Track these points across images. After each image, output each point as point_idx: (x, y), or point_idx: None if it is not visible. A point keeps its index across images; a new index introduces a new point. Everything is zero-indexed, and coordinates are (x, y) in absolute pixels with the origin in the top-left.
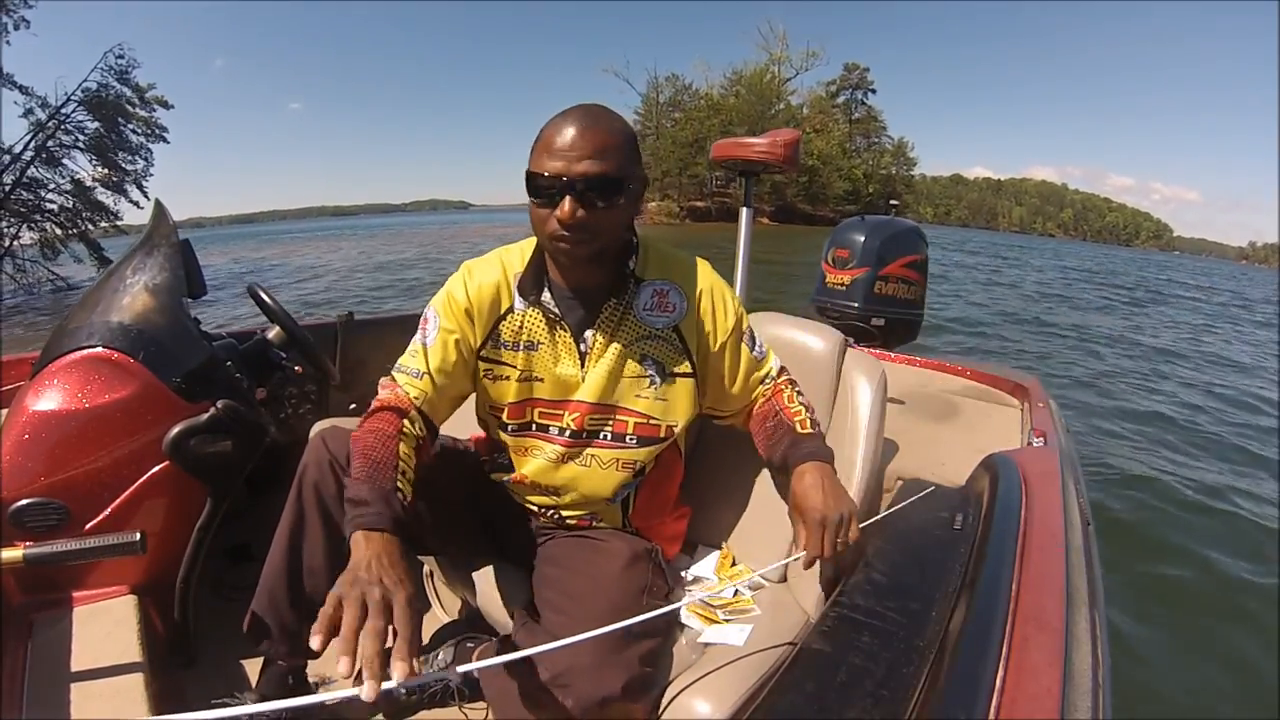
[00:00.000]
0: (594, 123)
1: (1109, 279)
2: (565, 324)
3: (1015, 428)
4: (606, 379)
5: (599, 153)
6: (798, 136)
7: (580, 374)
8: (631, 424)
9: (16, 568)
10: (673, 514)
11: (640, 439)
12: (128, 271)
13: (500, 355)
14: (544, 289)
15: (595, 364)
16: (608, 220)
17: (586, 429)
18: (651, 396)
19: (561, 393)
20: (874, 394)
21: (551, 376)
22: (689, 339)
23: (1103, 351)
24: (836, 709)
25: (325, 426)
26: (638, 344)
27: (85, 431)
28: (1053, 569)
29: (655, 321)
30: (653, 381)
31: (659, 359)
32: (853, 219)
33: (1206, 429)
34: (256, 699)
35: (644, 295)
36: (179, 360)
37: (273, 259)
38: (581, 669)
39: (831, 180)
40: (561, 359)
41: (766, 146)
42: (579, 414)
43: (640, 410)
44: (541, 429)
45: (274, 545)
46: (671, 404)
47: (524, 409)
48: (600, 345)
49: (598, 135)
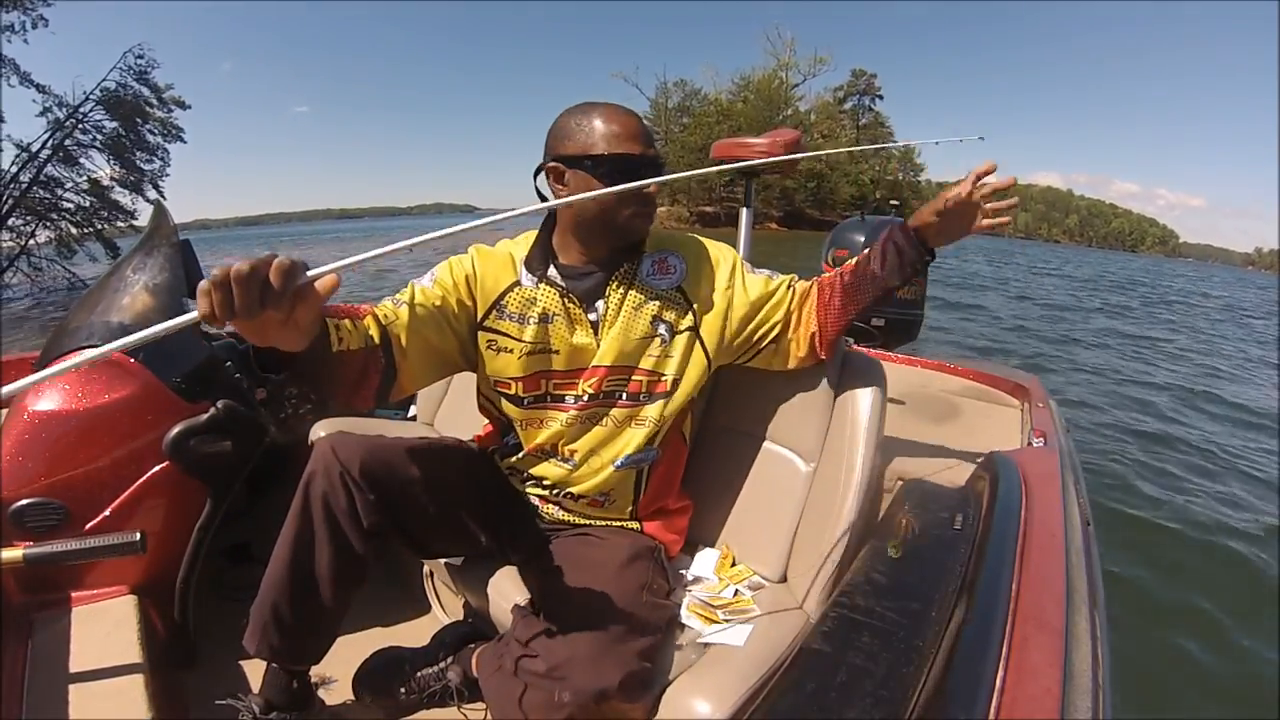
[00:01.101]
0: (631, 114)
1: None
2: (574, 296)
3: (1015, 428)
4: (621, 342)
5: (652, 139)
6: (798, 137)
7: (595, 341)
8: (645, 382)
9: (16, 568)
10: (674, 513)
11: (653, 394)
12: (128, 271)
13: (503, 326)
14: (549, 266)
15: (608, 330)
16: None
17: (604, 390)
18: (661, 354)
19: (577, 362)
20: (874, 394)
21: (567, 347)
22: (691, 295)
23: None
24: (836, 709)
25: (326, 427)
26: (646, 307)
27: (85, 431)
28: (1053, 569)
29: (659, 284)
30: (663, 340)
31: (666, 319)
32: (852, 219)
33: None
34: (261, 703)
35: (645, 264)
36: (179, 360)
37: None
38: (579, 661)
39: (839, 186)
40: (576, 330)
41: (767, 147)
42: (597, 378)
43: (651, 368)
44: (557, 399)
45: (277, 553)
46: (680, 359)
47: (538, 381)
48: (612, 313)
49: (641, 124)
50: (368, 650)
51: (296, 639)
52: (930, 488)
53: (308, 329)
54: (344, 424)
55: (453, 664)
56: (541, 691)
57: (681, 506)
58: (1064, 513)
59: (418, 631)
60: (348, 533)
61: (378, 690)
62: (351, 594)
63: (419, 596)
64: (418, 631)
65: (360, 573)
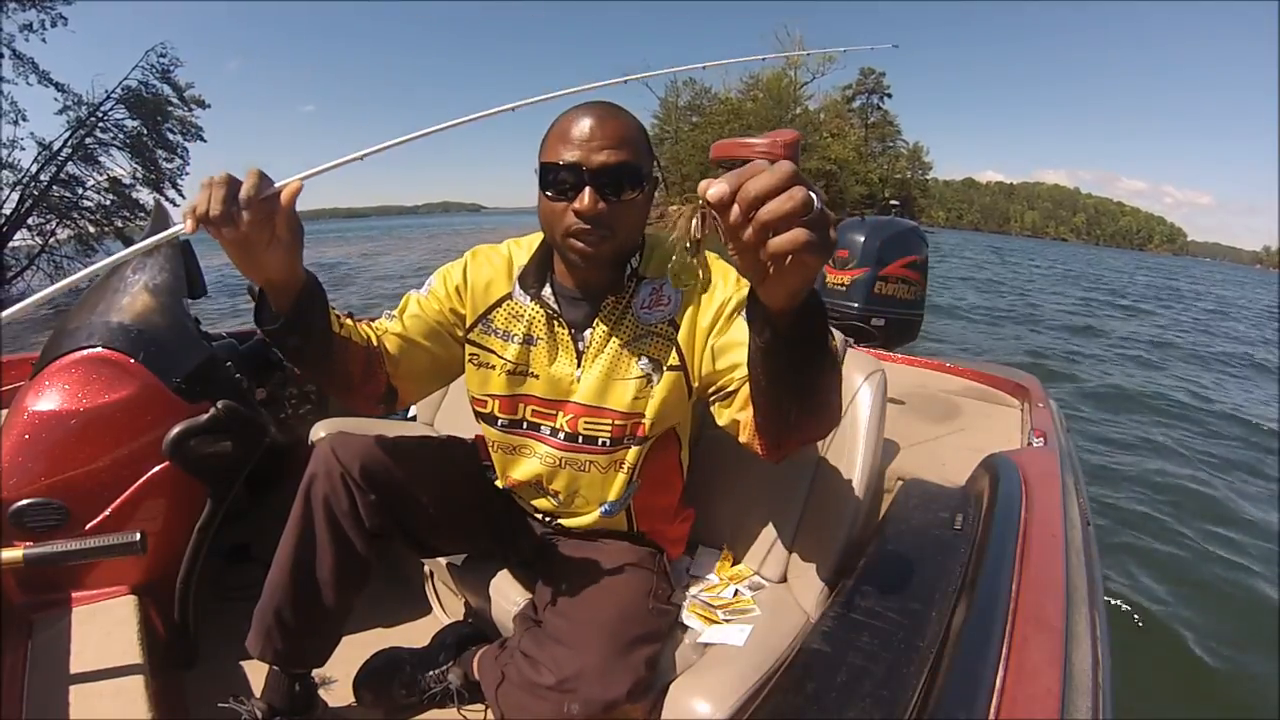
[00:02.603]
0: (611, 114)
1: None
2: (564, 321)
3: (1015, 428)
4: (602, 380)
5: (618, 143)
6: (797, 136)
7: (576, 374)
8: (629, 425)
9: (16, 568)
10: (676, 518)
11: (636, 439)
12: (128, 272)
13: (488, 342)
14: (545, 284)
15: (591, 364)
16: (625, 215)
17: (581, 433)
18: (647, 396)
19: (556, 392)
20: (874, 394)
21: (546, 374)
22: (682, 326)
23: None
24: (836, 709)
25: (326, 427)
26: (635, 343)
27: (85, 432)
28: (1053, 569)
29: (650, 318)
30: (649, 381)
31: (655, 356)
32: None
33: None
34: (264, 708)
35: (642, 293)
36: (179, 361)
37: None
38: (589, 674)
39: (849, 185)
40: (559, 357)
41: (766, 146)
42: (573, 416)
43: (637, 410)
44: (533, 427)
45: (279, 556)
46: (666, 401)
47: (515, 404)
48: (598, 344)
49: (616, 126)
50: (369, 651)
51: (300, 642)
52: (930, 488)
53: (291, 246)
54: (344, 424)
55: (453, 666)
56: (549, 703)
57: (684, 514)
58: (1064, 513)
59: (419, 632)
60: (350, 534)
61: (378, 691)
62: (355, 596)
63: (420, 597)
64: (419, 632)
65: (363, 574)
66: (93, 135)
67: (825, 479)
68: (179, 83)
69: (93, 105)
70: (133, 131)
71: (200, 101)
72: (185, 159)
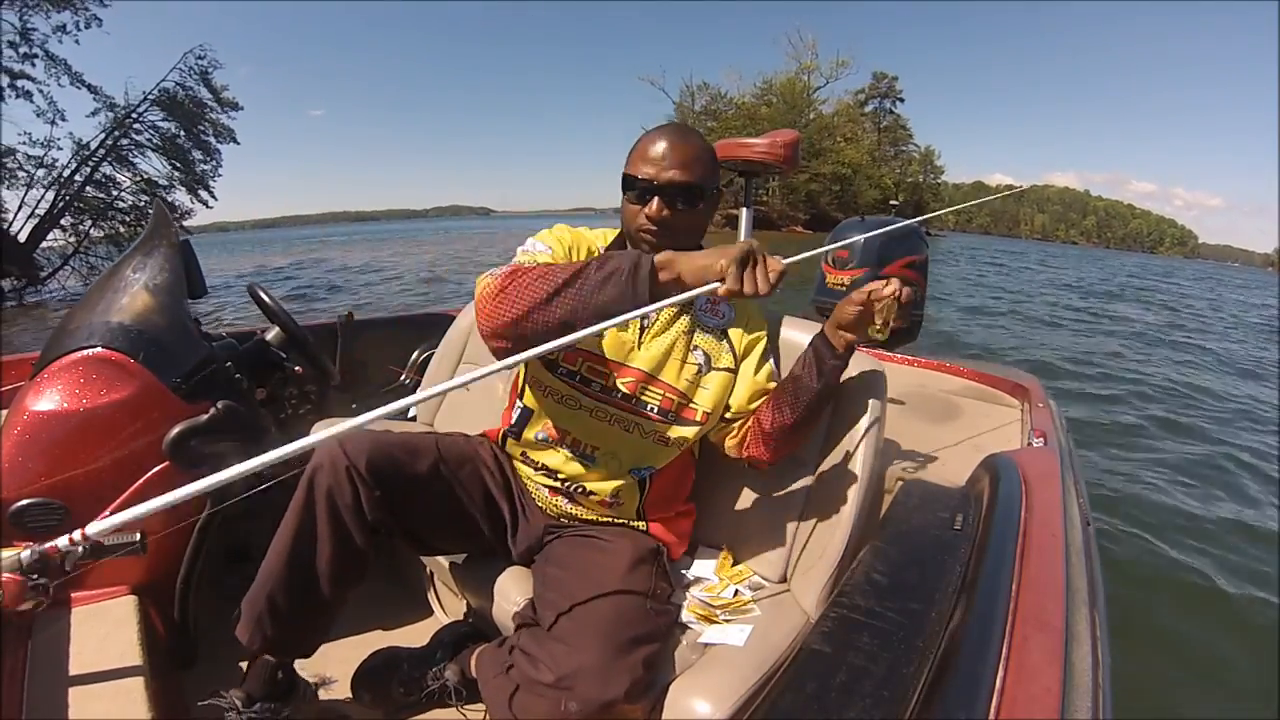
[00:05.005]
0: (682, 139)
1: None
2: None
3: (1015, 428)
4: (660, 353)
5: (684, 164)
6: (797, 137)
7: (636, 340)
8: (676, 401)
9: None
10: (681, 513)
11: (680, 419)
12: (128, 271)
13: None
14: None
15: (652, 338)
16: (686, 223)
17: (640, 397)
18: (697, 382)
19: (615, 353)
20: (874, 394)
21: (612, 336)
22: (735, 342)
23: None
24: (836, 709)
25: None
26: (692, 334)
27: (85, 432)
28: (1053, 569)
29: (708, 320)
30: (700, 369)
31: (707, 351)
32: (852, 219)
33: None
34: (243, 696)
35: (702, 296)
36: (179, 361)
37: (336, 260)
38: (587, 673)
39: (862, 189)
40: (626, 325)
41: (766, 147)
42: (633, 380)
43: (684, 390)
44: (585, 382)
45: (275, 545)
46: (711, 392)
47: (577, 356)
48: (661, 324)
49: (685, 150)
50: (367, 650)
51: (291, 631)
52: (930, 488)
53: None
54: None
55: (451, 664)
56: (547, 701)
57: (686, 510)
58: (1064, 513)
59: (418, 632)
60: (351, 528)
61: (377, 690)
62: (350, 590)
63: (420, 598)
64: (418, 632)
65: (361, 569)
66: (128, 136)
67: (825, 479)
68: (216, 85)
69: (129, 107)
70: (168, 133)
71: (234, 104)
72: (219, 161)
